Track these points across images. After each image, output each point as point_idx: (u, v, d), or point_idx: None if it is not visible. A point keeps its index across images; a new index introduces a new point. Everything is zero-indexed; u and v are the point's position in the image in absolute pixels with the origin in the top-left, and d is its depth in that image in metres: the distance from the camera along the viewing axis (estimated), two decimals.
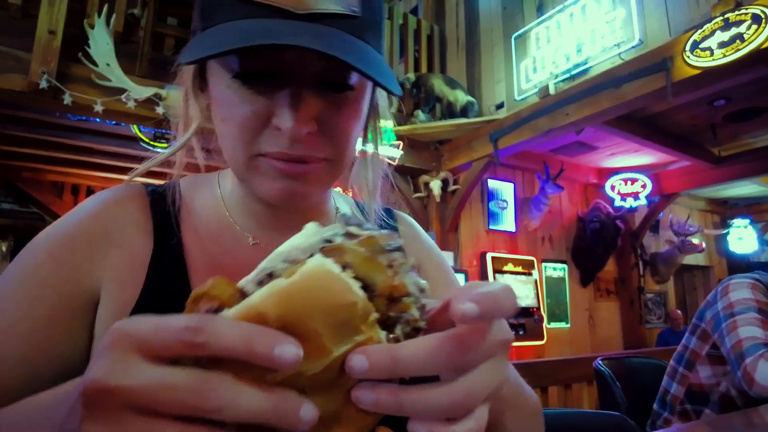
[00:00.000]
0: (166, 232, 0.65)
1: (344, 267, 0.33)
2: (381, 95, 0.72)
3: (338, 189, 0.99)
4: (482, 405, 0.35)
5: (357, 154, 0.73)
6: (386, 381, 0.34)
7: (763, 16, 2.86)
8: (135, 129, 4.25)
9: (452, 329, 0.34)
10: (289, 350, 0.29)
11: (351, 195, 0.89)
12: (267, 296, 0.31)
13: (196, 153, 0.69)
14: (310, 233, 0.38)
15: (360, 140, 0.70)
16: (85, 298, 0.59)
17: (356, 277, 0.33)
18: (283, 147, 0.55)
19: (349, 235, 0.36)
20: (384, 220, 0.84)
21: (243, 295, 0.35)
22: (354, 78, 0.57)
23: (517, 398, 0.63)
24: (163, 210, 0.67)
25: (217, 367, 0.31)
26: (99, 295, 0.60)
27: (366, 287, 0.33)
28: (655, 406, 2.01)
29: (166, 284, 0.62)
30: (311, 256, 0.34)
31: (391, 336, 0.34)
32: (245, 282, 0.36)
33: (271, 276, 0.35)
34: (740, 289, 1.80)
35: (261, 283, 0.35)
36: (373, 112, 0.71)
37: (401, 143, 4.41)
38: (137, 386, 0.28)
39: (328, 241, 0.36)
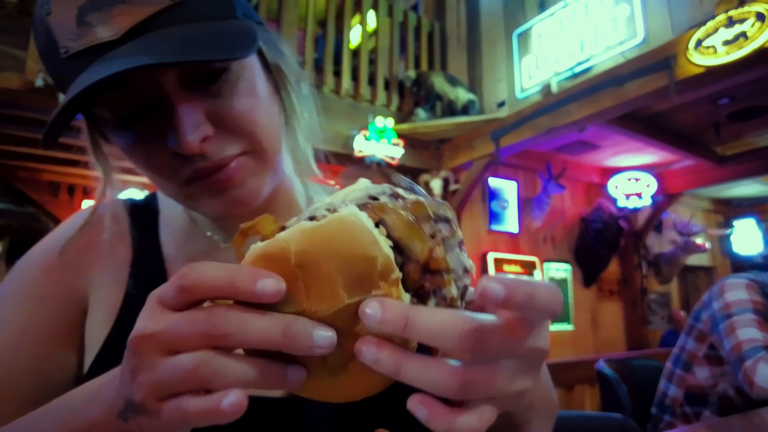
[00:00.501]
0: (145, 242, 0.68)
1: (378, 224, 0.33)
2: (282, 57, 0.64)
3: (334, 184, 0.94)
4: (489, 405, 0.34)
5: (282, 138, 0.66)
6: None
7: (766, 13, 2.83)
8: None
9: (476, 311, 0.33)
10: (269, 283, 0.31)
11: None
12: (292, 233, 0.33)
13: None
14: (359, 187, 0.37)
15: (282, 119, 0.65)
16: (77, 309, 0.63)
17: (390, 237, 0.33)
18: (195, 164, 0.53)
19: (396, 197, 0.36)
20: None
21: (283, 229, 0.35)
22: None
23: (546, 402, 0.60)
24: (142, 221, 0.70)
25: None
26: (87, 305, 0.63)
27: (400, 251, 0.33)
28: (653, 409, 2.00)
29: (147, 290, 0.61)
30: None
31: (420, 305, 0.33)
32: (291, 222, 0.36)
33: (313, 219, 0.34)
34: (736, 290, 1.81)
35: None
36: (278, 77, 0.63)
37: (401, 142, 4.38)
38: (164, 329, 0.33)
39: (374, 198, 0.35)
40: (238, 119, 0.54)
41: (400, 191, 0.36)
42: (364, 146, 4.17)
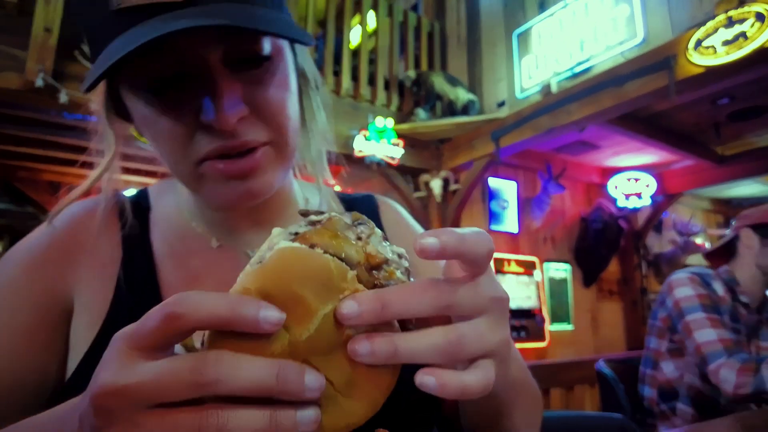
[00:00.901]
0: (135, 240, 0.66)
1: (312, 247, 0.34)
2: (306, 61, 0.67)
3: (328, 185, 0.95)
4: (487, 359, 0.35)
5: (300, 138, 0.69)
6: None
7: (766, 13, 2.83)
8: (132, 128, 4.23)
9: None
10: (271, 312, 0.30)
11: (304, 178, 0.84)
12: (243, 279, 0.33)
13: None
14: (275, 234, 0.38)
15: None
16: (60, 309, 0.60)
17: (331, 254, 0.34)
18: (220, 141, 0.52)
19: (312, 224, 0.37)
20: (351, 199, 0.81)
21: None
22: (265, 46, 0.53)
23: (525, 385, 0.64)
24: (132, 219, 0.67)
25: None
26: (72, 305, 0.60)
27: (344, 261, 0.34)
28: (636, 416, 2.02)
29: (136, 290, 0.61)
30: None
31: None
32: None
33: None
34: (681, 286, 1.92)
35: None
36: (303, 80, 0.66)
37: (401, 142, 4.38)
38: (142, 381, 0.29)
39: (295, 233, 0.36)
40: (272, 108, 0.55)
41: (312, 218, 0.38)
42: (364, 146, 4.17)
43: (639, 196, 5.77)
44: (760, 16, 2.85)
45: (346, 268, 0.34)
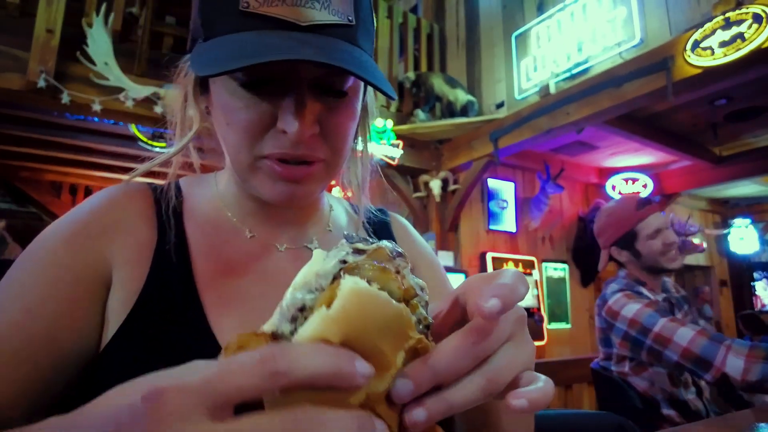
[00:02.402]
0: (169, 224, 0.68)
1: (369, 282, 0.34)
2: (370, 95, 0.76)
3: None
4: (529, 372, 0.39)
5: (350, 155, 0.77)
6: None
7: (763, 15, 2.84)
8: (133, 128, 4.24)
9: (469, 324, 0.37)
10: (366, 368, 0.31)
11: (342, 193, 0.94)
12: (322, 325, 0.31)
13: (191, 153, 0.73)
14: (320, 258, 0.38)
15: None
16: (99, 282, 0.62)
17: (380, 289, 0.34)
18: (286, 148, 0.58)
19: (358, 251, 0.38)
20: (372, 213, 0.88)
21: (276, 337, 0.35)
22: (350, 82, 0.61)
23: None
24: (166, 204, 0.70)
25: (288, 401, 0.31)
26: (111, 279, 0.62)
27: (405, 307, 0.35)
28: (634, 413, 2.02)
29: (170, 272, 0.64)
30: (334, 279, 0.36)
31: None
32: (272, 325, 0.36)
33: (303, 309, 0.35)
34: (625, 305, 1.87)
35: (295, 320, 0.35)
36: (364, 112, 0.75)
37: (401, 143, 4.40)
38: None
39: (343, 261, 0.37)
40: (337, 135, 0.62)
41: (358, 245, 0.39)
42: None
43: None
44: (757, 18, 2.87)
45: (411, 316, 0.34)
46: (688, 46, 3.11)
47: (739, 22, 2.93)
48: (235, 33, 0.54)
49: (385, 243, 0.39)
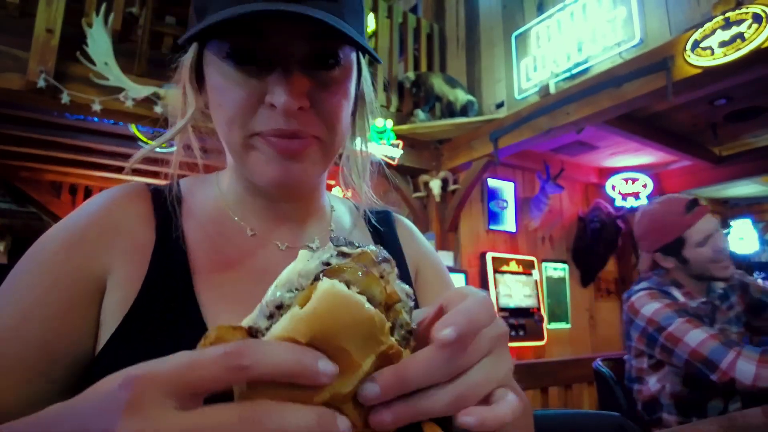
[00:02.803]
0: (168, 225, 0.68)
1: (348, 285, 0.34)
2: (367, 88, 0.76)
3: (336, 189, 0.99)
4: (503, 389, 0.39)
5: (349, 152, 0.78)
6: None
7: (763, 15, 2.84)
8: (133, 128, 4.24)
9: (438, 339, 0.36)
10: (330, 367, 0.31)
11: (344, 194, 0.93)
12: (292, 324, 0.32)
13: (195, 152, 0.73)
14: (305, 258, 0.39)
15: (349, 137, 0.75)
16: (94, 286, 0.61)
17: (360, 293, 0.35)
18: (278, 123, 0.58)
19: (342, 255, 0.38)
20: (377, 214, 0.88)
21: (252, 332, 0.36)
22: (340, 55, 0.61)
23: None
24: (165, 205, 0.70)
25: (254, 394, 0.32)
26: (105, 284, 0.62)
27: (369, 300, 0.35)
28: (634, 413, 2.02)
29: (168, 271, 0.64)
30: (315, 280, 0.36)
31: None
32: (251, 320, 0.37)
33: (280, 307, 0.36)
34: (646, 304, 1.87)
35: (272, 317, 0.36)
36: (360, 102, 0.74)
37: (401, 143, 4.40)
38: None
39: (326, 263, 0.37)
40: (329, 109, 0.62)
41: (343, 249, 0.39)
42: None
43: (636, 196, 5.80)
44: (757, 18, 2.87)
45: (384, 319, 0.35)
46: (688, 46, 3.11)
47: (739, 22, 2.93)
48: (222, 10, 0.55)
49: (371, 247, 0.40)
